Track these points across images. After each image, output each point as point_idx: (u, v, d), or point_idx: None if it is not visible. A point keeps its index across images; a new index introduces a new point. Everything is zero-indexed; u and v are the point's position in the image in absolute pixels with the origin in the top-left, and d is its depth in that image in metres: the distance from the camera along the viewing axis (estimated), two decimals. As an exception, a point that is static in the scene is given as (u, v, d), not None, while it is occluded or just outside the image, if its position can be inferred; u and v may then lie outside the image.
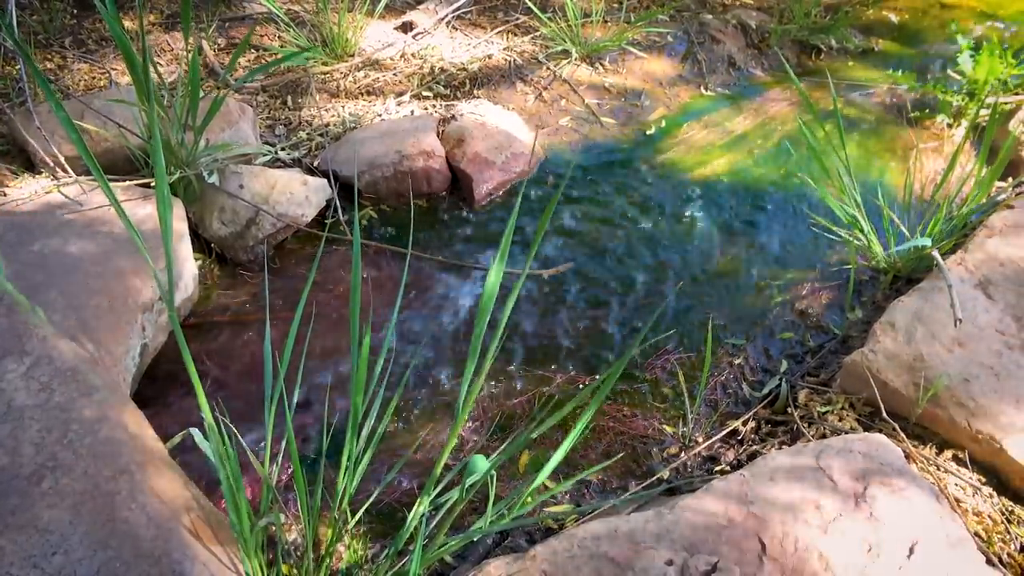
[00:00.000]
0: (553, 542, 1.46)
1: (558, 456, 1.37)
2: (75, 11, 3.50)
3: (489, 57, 3.44)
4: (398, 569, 1.53)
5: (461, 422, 1.21)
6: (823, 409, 1.94)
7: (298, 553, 1.63)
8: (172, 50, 3.31)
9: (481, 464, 1.43)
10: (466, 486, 1.39)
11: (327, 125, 2.98)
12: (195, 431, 1.50)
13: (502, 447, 1.91)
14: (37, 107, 2.50)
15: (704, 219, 2.73)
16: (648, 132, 3.21)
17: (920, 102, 3.36)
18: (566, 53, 3.50)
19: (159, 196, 1.04)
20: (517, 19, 3.79)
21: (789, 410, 1.98)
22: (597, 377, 2.13)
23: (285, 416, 1.51)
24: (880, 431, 1.82)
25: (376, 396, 1.64)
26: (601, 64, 3.50)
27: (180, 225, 2.26)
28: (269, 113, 3.04)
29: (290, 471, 1.84)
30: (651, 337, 2.25)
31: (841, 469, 1.53)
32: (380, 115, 3.05)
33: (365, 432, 1.55)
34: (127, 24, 3.40)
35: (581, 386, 2.11)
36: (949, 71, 3.25)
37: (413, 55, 3.44)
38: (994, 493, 1.69)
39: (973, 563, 1.41)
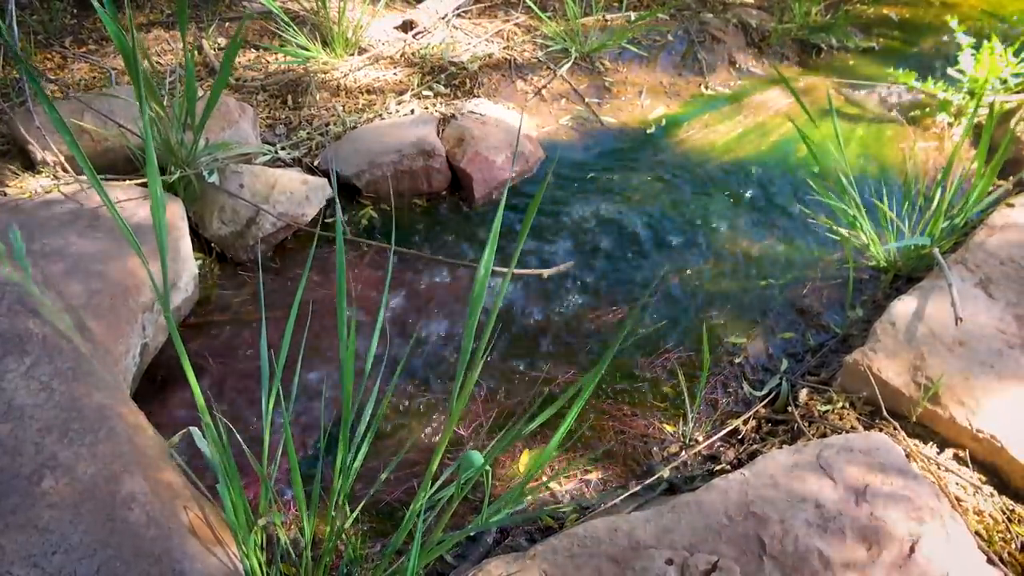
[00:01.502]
0: (553, 541, 1.46)
1: (555, 441, 1.36)
2: (75, 10, 3.51)
3: (489, 56, 3.44)
4: (397, 567, 1.53)
5: (455, 417, 1.21)
6: (823, 408, 1.93)
7: (297, 552, 1.63)
8: (173, 49, 3.31)
9: (476, 459, 1.43)
10: (462, 481, 1.39)
11: (327, 124, 2.98)
12: (194, 430, 1.50)
13: (497, 438, 1.92)
14: (37, 107, 2.50)
15: (704, 217, 2.73)
16: (648, 131, 3.21)
17: (920, 101, 3.35)
18: (566, 52, 3.50)
19: (152, 197, 1.04)
20: (517, 18, 3.79)
21: (789, 409, 1.98)
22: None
23: (283, 415, 1.51)
24: (881, 430, 1.82)
25: (370, 394, 1.64)
26: (601, 63, 3.50)
27: (180, 224, 2.25)
28: (269, 112, 3.04)
29: (288, 470, 1.84)
30: (651, 335, 2.25)
31: (841, 468, 1.53)
32: (380, 114, 3.05)
33: (360, 430, 1.55)
34: (126, 24, 3.40)
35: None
36: (949, 70, 3.25)
37: (413, 54, 3.44)
38: (995, 492, 1.68)
39: (974, 562, 1.40)
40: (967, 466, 1.74)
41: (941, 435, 1.80)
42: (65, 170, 2.40)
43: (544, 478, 1.85)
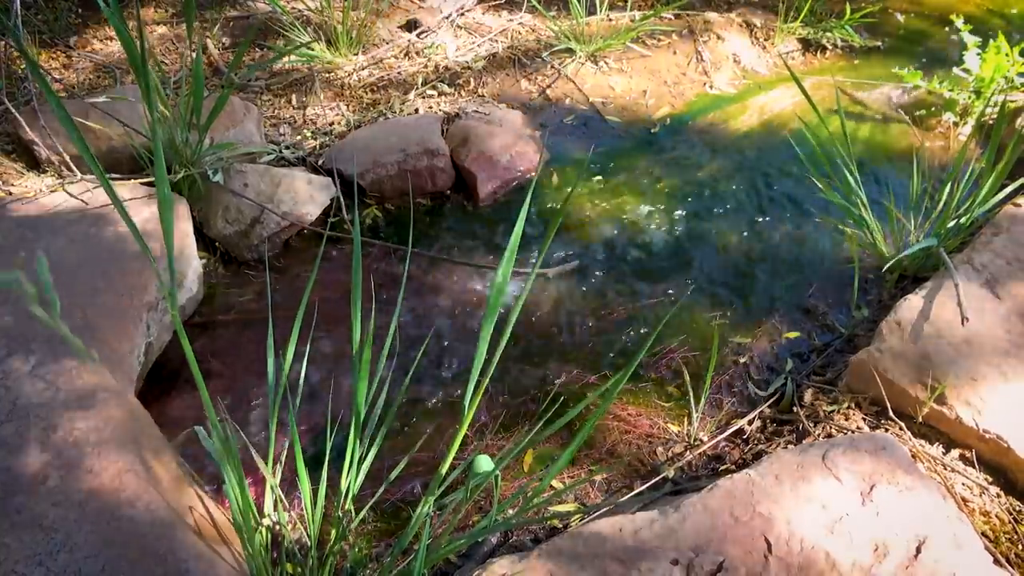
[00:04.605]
0: (558, 541, 1.45)
1: (563, 461, 1.36)
2: (80, 10, 3.51)
3: (494, 55, 3.44)
4: (402, 568, 1.53)
5: (467, 420, 1.21)
6: (829, 408, 1.93)
7: (302, 552, 1.63)
8: (178, 49, 3.31)
9: (485, 464, 1.43)
10: (470, 486, 1.39)
11: (331, 124, 2.98)
12: (199, 429, 1.50)
13: (506, 447, 1.91)
14: (42, 106, 2.51)
15: (709, 218, 2.72)
16: (653, 130, 3.20)
17: (926, 100, 3.34)
18: (570, 51, 3.50)
19: (160, 197, 1.04)
20: (522, 18, 3.78)
21: (795, 409, 1.97)
22: (602, 375, 2.13)
23: (289, 414, 1.51)
24: (886, 430, 1.81)
25: (380, 395, 1.64)
26: (605, 62, 3.49)
27: (185, 224, 2.26)
28: (274, 112, 3.04)
29: (294, 470, 1.83)
30: (654, 334, 2.24)
31: (847, 468, 1.52)
32: (385, 113, 3.05)
33: (369, 430, 1.55)
34: (131, 23, 3.41)
35: (586, 384, 2.10)
36: (955, 69, 3.24)
37: (418, 53, 3.44)
38: (1001, 493, 1.68)
39: (980, 563, 1.40)
40: (973, 467, 1.73)
41: (947, 435, 1.79)
42: (70, 169, 2.40)
43: (554, 485, 1.85)
